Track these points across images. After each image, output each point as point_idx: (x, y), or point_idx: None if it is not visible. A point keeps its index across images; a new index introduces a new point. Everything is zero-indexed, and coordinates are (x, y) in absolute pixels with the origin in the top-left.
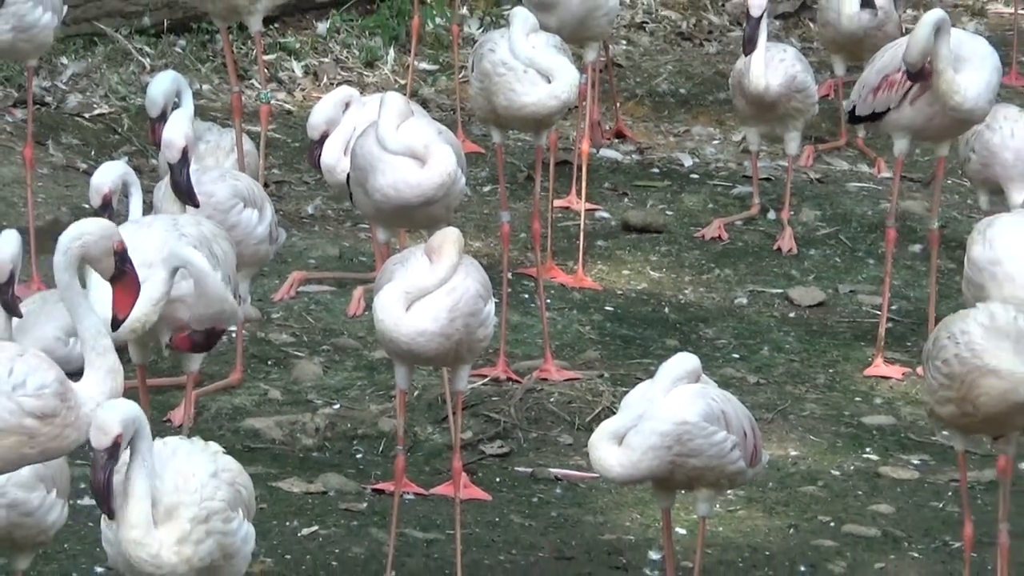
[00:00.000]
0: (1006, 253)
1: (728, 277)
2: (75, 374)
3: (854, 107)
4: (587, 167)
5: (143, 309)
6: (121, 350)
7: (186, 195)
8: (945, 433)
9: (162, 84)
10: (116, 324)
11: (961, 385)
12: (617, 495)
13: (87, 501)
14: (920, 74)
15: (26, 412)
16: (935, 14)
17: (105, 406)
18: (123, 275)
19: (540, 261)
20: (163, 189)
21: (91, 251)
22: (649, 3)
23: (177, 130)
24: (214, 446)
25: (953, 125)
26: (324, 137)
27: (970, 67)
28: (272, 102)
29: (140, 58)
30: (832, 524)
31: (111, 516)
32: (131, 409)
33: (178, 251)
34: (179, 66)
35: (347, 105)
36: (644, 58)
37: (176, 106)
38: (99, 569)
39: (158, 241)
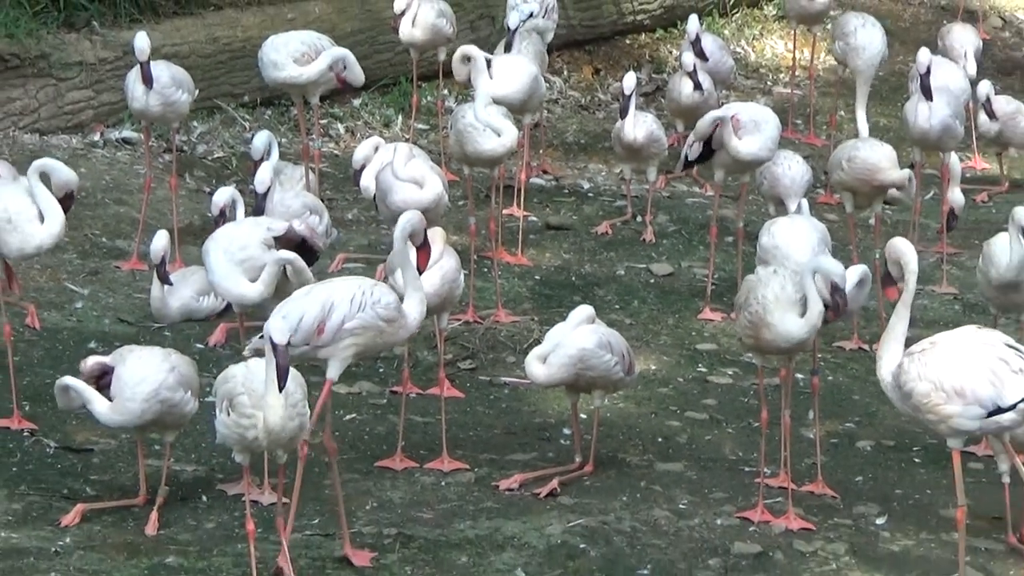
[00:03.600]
0: (782, 241)
1: (612, 257)
2: (204, 319)
3: (686, 156)
4: (524, 189)
5: (265, 286)
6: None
7: (259, 214)
8: (749, 354)
9: (261, 139)
10: (420, 272)
11: (756, 329)
12: (543, 394)
13: (211, 399)
14: (709, 142)
15: (380, 317)
16: (712, 115)
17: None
18: (423, 246)
19: (494, 248)
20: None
21: (414, 231)
22: (561, 86)
23: (267, 175)
24: None
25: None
26: (362, 168)
27: (758, 130)
28: (324, 149)
29: (242, 122)
30: (678, 411)
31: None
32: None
33: (283, 256)
34: (267, 127)
35: (376, 148)
36: (559, 121)
37: (268, 152)
38: (217, 441)
39: (254, 232)
